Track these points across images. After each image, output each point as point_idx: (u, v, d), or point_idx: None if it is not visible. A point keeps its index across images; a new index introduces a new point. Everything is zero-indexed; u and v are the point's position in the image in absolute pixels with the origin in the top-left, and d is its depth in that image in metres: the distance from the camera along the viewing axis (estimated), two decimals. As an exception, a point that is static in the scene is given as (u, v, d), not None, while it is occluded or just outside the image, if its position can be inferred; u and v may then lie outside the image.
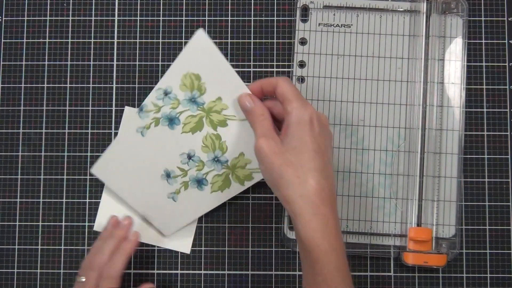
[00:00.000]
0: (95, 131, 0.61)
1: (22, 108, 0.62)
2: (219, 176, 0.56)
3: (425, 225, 0.57)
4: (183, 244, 0.59)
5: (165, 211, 0.58)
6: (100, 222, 0.60)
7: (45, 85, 0.62)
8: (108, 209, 0.60)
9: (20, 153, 0.61)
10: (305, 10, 0.60)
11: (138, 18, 0.62)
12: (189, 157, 0.56)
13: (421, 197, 0.58)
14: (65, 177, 0.61)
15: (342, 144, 0.59)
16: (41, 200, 0.61)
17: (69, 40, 0.62)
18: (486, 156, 0.60)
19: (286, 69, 0.60)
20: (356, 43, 0.60)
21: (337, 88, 0.59)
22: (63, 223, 0.60)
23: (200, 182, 0.57)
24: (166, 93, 0.55)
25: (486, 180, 0.60)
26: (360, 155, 0.59)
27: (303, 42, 0.60)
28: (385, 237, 0.58)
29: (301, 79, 0.60)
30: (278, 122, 0.51)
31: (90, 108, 0.61)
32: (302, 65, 0.60)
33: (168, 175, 0.57)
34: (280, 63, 0.61)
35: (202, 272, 0.60)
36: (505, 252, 0.59)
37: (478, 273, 0.59)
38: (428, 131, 0.58)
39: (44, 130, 0.61)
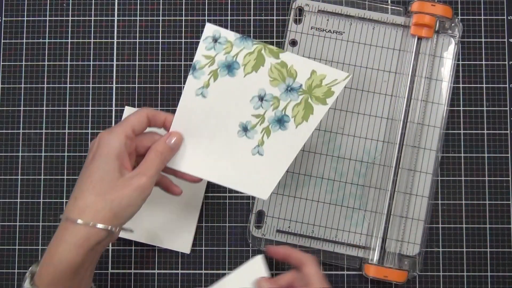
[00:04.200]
0: (95, 131, 0.61)
1: (22, 108, 0.62)
2: (298, 105, 0.51)
3: (390, 240, 0.58)
4: (183, 244, 0.59)
5: (254, 171, 0.52)
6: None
7: (45, 85, 0.62)
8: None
9: (20, 153, 0.61)
10: (299, 12, 0.61)
11: (138, 18, 0.62)
12: (261, 98, 0.51)
13: (390, 212, 0.58)
14: (65, 177, 0.61)
15: (319, 149, 0.59)
16: (41, 200, 0.61)
17: (69, 40, 0.62)
18: (486, 155, 0.60)
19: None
20: (346, 51, 0.60)
21: None
22: (63, 223, 0.60)
23: (281, 121, 0.51)
24: (215, 40, 0.51)
25: (486, 178, 0.60)
26: (335, 162, 0.59)
27: (293, 43, 0.60)
28: (349, 247, 0.59)
29: None
30: None
31: (90, 108, 0.61)
32: None
33: (245, 129, 0.52)
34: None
35: (203, 272, 0.60)
36: (506, 250, 0.59)
37: (478, 272, 0.59)
38: (405, 148, 0.58)
39: (44, 130, 0.61)
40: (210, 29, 0.51)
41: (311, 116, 0.51)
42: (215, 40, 0.51)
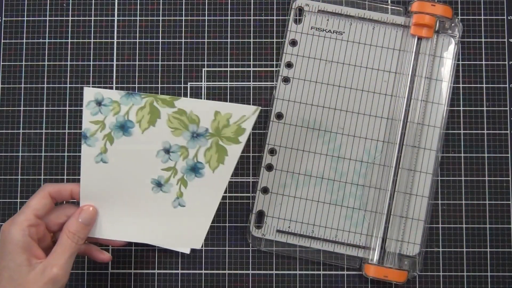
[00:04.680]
0: (95, 131, 0.61)
1: (22, 108, 0.62)
2: (209, 150, 0.49)
3: (390, 240, 0.58)
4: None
5: (181, 223, 0.50)
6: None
7: (45, 85, 0.62)
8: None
9: (20, 153, 0.61)
10: (299, 12, 0.61)
11: (138, 18, 0.62)
12: (167, 151, 0.49)
13: (390, 212, 0.58)
14: (65, 177, 0.61)
15: (319, 150, 0.59)
16: (41, 200, 0.61)
17: (69, 40, 0.62)
18: (486, 155, 0.60)
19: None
20: (346, 51, 0.60)
21: (321, 93, 0.60)
22: (63, 223, 0.60)
23: (195, 169, 0.49)
24: (99, 103, 0.48)
25: (486, 178, 0.60)
26: (335, 162, 0.59)
27: (293, 43, 0.60)
28: (349, 247, 0.59)
29: (286, 80, 0.60)
30: None
31: (90, 108, 0.61)
32: (289, 65, 0.60)
33: (159, 184, 0.50)
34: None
35: (203, 271, 0.60)
36: (506, 250, 0.59)
37: (478, 272, 0.59)
38: (405, 148, 0.58)
39: (44, 130, 0.61)
40: (90, 93, 0.48)
41: (226, 157, 0.49)
42: (98, 103, 0.48)
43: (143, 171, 0.49)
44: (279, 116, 0.60)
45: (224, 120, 0.49)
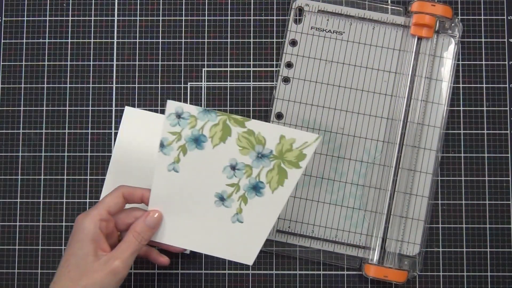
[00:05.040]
0: (95, 131, 0.61)
1: (22, 108, 0.62)
2: (272, 171, 0.51)
3: (390, 240, 0.58)
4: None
5: (236, 238, 0.52)
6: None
7: (45, 85, 0.62)
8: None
9: (20, 153, 0.61)
10: (299, 12, 0.61)
11: (138, 18, 0.62)
12: (233, 167, 0.52)
13: (390, 212, 0.58)
14: (65, 177, 0.61)
15: (318, 149, 0.59)
16: (41, 200, 0.61)
17: (69, 40, 0.62)
18: (486, 155, 0.60)
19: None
20: (346, 51, 0.60)
21: (321, 93, 0.60)
22: (64, 223, 0.60)
23: (256, 188, 0.52)
24: (178, 115, 0.52)
25: (486, 178, 0.60)
26: (335, 162, 0.59)
27: (293, 43, 0.60)
28: (349, 247, 0.59)
29: (286, 80, 0.60)
30: None
31: (90, 108, 0.61)
32: (289, 65, 0.60)
33: (221, 199, 0.52)
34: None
35: (203, 272, 0.60)
36: (506, 250, 0.59)
37: (478, 272, 0.59)
38: (405, 148, 0.58)
39: (44, 130, 0.61)
40: (172, 106, 0.51)
41: (286, 180, 0.51)
42: (178, 116, 0.51)
43: (209, 184, 0.52)
44: (279, 116, 0.60)
45: (288, 144, 0.51)
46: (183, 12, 0.62)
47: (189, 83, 0.62)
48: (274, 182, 0.52)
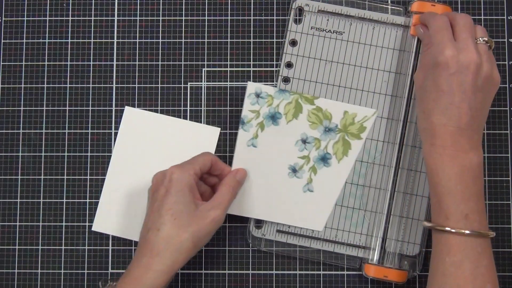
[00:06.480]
0: (95, 131, 0.61)
1: (22, 108, 0.62)
2: (337, 143, 0.58)
3: (390, 240, 0.58)
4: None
5: (307, 207, 0.58)
6: (99, 222, 0.60)
7: (45, 85, 0.62)
8: (107, 209, 0.60)
9: (20, 153, 0.61)
10: (299, 12, 0.61)
11: (138, 18, 0.62)
12: (304, 141, 0.58)
13: (390, 212, 0.58)
14: (65, 177, 0.61)
15: None
16: (41, 200, 0.61)
17: (69, 40, 0.62)
18: (486, 155, 0.60)
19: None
20: (346, 51, 0.60)
21: (321, 93, 0.60)
22: (63, 223, 0.60)
23: (324, 159, 0.58)
24: (257, 95, 0.58)
25: (486, 178, 0.60)
26: None
27: (293, 43, 0.60)
28: (349, 247, 0.59)
29: (286, 80, 0.60)
30: None
31: (90, 108, 0.62)
32: (289, 65, 0.60)
33: (294, 170, 0.58)
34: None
35: (203, 272, 0.60)
36: (506, 250, 0.59)
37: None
38: (405, 148, 0.58)
39: (44, 130, 0.61)
40: (252, 87, 0.58)
41: (349, 151, 0.58)
42: (257, 95, 0.58)
43: (283, 157, 0.58)
44: (279, 116, 0.60)
45: (351, 119, 0.58)
46: (183, 12, 0.62)
47: (189, 83, 0.62)
48: (339, 153, 0.58)
